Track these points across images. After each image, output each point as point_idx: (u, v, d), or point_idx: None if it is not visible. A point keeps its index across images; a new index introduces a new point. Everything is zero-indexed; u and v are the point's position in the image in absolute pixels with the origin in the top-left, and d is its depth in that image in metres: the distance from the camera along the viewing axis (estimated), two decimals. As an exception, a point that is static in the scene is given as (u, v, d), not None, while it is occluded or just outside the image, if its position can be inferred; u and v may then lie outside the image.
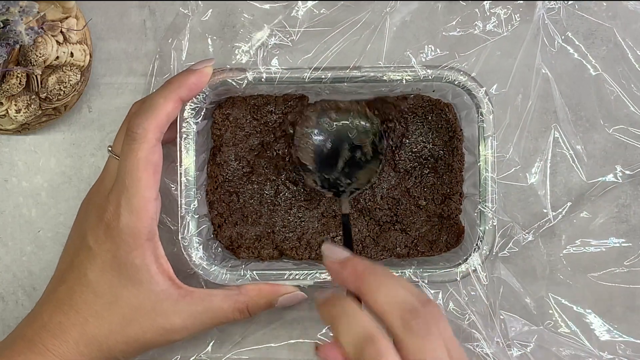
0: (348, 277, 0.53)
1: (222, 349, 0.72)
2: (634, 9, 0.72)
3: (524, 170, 0.72)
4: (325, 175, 0.69)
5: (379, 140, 0.69)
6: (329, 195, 0.70)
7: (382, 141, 0.69)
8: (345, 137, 0.69)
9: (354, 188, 0.69)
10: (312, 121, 0.69)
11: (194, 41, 0.72)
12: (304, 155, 0.69)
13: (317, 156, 0.69)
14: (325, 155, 0.69)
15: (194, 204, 0.67)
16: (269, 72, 0.67)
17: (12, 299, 0.74)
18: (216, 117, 0.71)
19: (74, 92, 0.70)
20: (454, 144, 0.71)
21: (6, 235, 0.74)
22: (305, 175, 0.69)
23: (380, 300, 0.51)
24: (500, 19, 0.71)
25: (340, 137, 0.69)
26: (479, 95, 0.67)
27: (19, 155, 0.74)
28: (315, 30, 0.72)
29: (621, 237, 0.73)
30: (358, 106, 0.69)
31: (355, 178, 0.69)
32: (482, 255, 0.67)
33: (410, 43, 0.72)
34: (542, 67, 0.71)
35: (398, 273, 0.67)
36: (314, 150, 0.69)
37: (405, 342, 0.49)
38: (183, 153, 0.67)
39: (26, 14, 0.61)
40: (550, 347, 0.71)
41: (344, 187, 0.69)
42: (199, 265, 0.67)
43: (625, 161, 0.73)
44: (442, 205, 0.72)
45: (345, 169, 0.69)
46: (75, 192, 0.73)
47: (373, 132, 0.69)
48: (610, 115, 0.72)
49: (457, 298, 0.70)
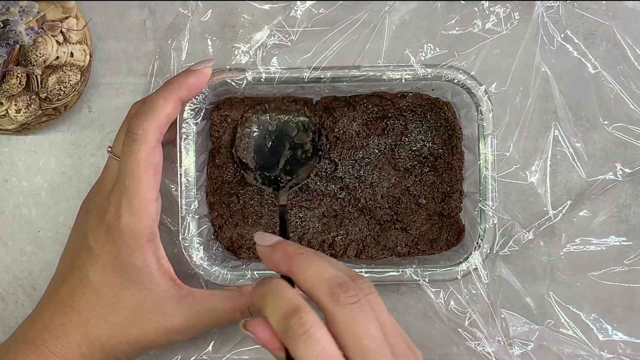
0: (279, 259, 0.52)
1: (222, 349, 0.72)
2: (633, 7, 0.72)
3: (524, 169, 0.72)
4: (266, 173, 0.70)
5: (318, 138, 0.70)
6: (268, 190, 0.71)
7: (321, 138, 0.70)
8: (285, 136, 0.70)
9: (293, 183, 0.70)
10: (252, 122, 0.70)
11: (194, 41, 0.72)
12: (245, 155, 0.70)
13: (258, 155, 0.70)
14: (266, 154, 0.70)
15: (194, 204, 0.67)
16: (269, 72, 0.67)
17: (12, 299, 0.74)
18: (214, 119, 0.71)
19: (74, 92, 0.70)
20: (453, 142, 0.71)
21: (6, 235, 0.74)
22: (247, 173, 0.70)
23: (310, 276, 0.49)
24: (499, 17, 0.71)
25: (281, 136, 0.70)
26: (478, 94, 0.67)
27: (19, 155, 0.74)
28: (315, 30, 0.72)
29: (621, 236, 0.73)
30: (297, 106, 0.70)
31: (296, 174, 0.70)
32: (482, 254, 0.67)
33: (409, 42, 0.72)
34: (542, 66, 0.71)
35: (399, 272, 0.67)
36: (255, 150, 0.70)
37: (335, 315, 0.48)
38: (183, 154, 0.67)
39: (26, 14, 0.61)
40: (551, 346, 0.70)
41: (284, 183, 0.70)
42: (199, 266, 0.67)
43: (625, 160, 0.73)
44: (442, 203, 0.72)
45: (286, 167, 0.70)
46: (75, 192, 0.73)
47: (312, 130, 0.70)
48: (610, 114, 0.72)
49: (458, 297, 0.70)
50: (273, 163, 0.70)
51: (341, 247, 0.72)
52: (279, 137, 0.70)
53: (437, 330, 0.72)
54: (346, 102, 0.71)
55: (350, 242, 0.72)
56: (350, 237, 0.72)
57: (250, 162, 0.70)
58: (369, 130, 0.72)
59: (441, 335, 0.72)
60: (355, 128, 0.72)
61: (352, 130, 0.71)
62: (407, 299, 0.73)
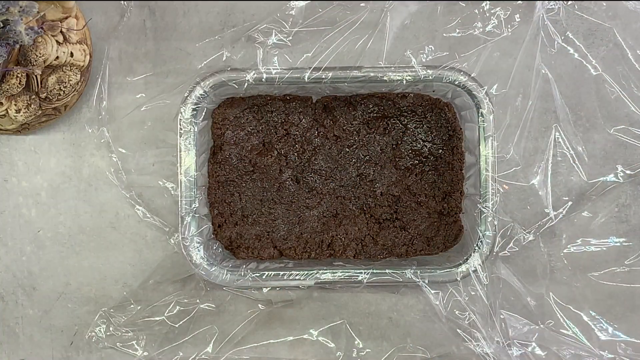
0: None
1: (222, 348, 0.72)
2: (634, 9, 0.72)
3: (524, 170, 0.72)
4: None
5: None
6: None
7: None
8: None
9: None
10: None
11: (194, 41, 0.72)
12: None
13: None
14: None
15: (194, 204, 0.67)
16: (269, 72, 0.67)
17: (12, 299, 0.73)
18: (215, 117, 0.71)
19: (74, 92, 0.69)
20: (453, 142, 0.71)
21: (6, 235, 0.73)
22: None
23: None
24: (500, 19, 0.71)
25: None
26: (479, 96, 0.67)
27: (19, 155, 0.73)
28: (315, 30, 0.71)
29: (621, 237, 0.73)
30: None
31: None
32: (482, 256, 0.67)
33: (410, 43, 0.72)
34: (542, 68, 0.71)
35: (399, 273, 0.67)
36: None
37: None
38: (183, 152, 0.67)
39: (26, 14, 0.61)
40: (551, 347, 0.71)
41: None
42: (199, 266, 0.67)
43: (626, 161, 0.73)
44: (443, 202, 0.72)
45: None
46: (75, 192, 0.73)
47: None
48: (611, 115, 0.72)
49: (458, 298, 0.70)
50: None
51: (340, 247, 0.72)
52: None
53: (437, 330, 0.72)
54: (346, 101, 0.71)
55: (350, 242, 0.72)
56: (349, 236, 0.72)
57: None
58: (370, 130, 0.72)
59: (441, 336, 0.72)
60: (356, 127, 0.72)
61: (352, 129, 0.72)
62: (407, 299, 0.73)
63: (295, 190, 0.72)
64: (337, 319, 0.73)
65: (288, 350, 0.73)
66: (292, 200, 0.72)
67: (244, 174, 0.72)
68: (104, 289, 0.73)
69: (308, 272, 0.68)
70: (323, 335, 0.73)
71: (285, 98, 0.71)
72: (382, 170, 0.72)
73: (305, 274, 0.68)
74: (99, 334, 0.72)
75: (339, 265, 0.69)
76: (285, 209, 0.72)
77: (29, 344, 0.73)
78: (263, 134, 0.72)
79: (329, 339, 0.72)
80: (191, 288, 0.72)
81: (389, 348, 0.73)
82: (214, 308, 0.72)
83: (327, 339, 0.72)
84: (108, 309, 0.72)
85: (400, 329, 0.73)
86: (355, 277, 0.68)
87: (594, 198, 0.73)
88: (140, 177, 0.72)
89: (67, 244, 0.73)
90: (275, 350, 0.73)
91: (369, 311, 0.73)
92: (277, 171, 0.72)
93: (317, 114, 0.71)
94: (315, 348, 0.73)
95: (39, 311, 0.73)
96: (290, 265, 0.70)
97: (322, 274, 0.68)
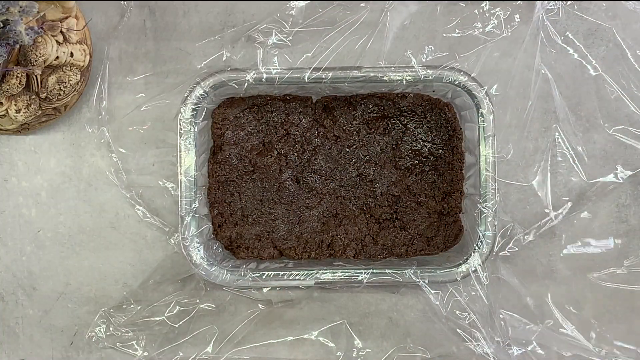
0: None
1: (222, 348, 0.72)
2: (633, 9, 0.72)
3: (524, 171, 0.72)
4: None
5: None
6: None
7: None
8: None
9: None
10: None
11: (194, 41, 0.72)
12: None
13: None
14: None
15: (194, 204, 0.67)
16: (269, 72, 0.67)
17: (12, 299, 0.73)
18: (215, 117, 0.71)
19: (74, 92, 0.69)
20: (453, 142, 0.71)
21: (6, 235, 0.73)
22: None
23: None
24: (499, 19, 0.71)
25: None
26: (479, 96, 0.67)
27: (19, 155, 0.73)
28: (315, 30, 0.71)
29: (621, 237, 0.73)
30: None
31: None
32: (482, 256, 0.67)
33: (410, 43, 0.72)
34: (542, 68, 0.71)
35: (399, 273, 0.67)
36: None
37: None
38: (183, 152, 0.67)
39: (26, 14, 0.61)
40: (551, 347, 0.71)
41: None
42: (199, 266, 0.67)
43: (626, 161, 0.73)
44: (443, 202, 0.72)
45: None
46: (75, 192, 0.73)
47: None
48: (611, 116, 0.73)
49: (458, 298, 0.70)
50: None
51: (340, 247, 0.72)
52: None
53: (437, 330, 0.72)
54: (346, 101, 0.71)
55: (350, 242, 0.72)
56: (349, 236, 0.72)
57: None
58: (370, 129, 0.72)
59: (441, 336, 0.72)
60: (356, 127, 0.72)
61: (352, 129, 0.72)
62: (406, 299, 0.73)
63: (295, 190, 0.72)
64: (337, 319, 0.73)
65: (288, 350, 0.73)
66: (292, 200, 0.72)
67: (244, 174, 0.72)
68: (104, 289, 0.73)
69: (308, 272, 0.68)
70: (323, 335, 0.73)
71: (285, 98, 0.71)
72: (382, 170, 0.72)
73: (305, 274, 0.68)
74: (99, 334, 0.72)
75: (339, 265, 0.69)
76: (285, 209, 0.72)
77: (29, 344, 0.73)
78: (263, 134, 0.72)
79: (329, 339, 0.72)
80: (191, 288, 0.72)
81: (389, 348, 0.73)
82: (214, 308, 0.72)
83: (327, 339, 0.73)
84: (108, 309, 0.72)
85: (400, 329, 0.73)
86: (355, 277, 0.68)
87: (594, 198, 0.73)
88: (140, 177, 0.72)
89: (67, 244, 0.73)
90: (275, 350, 0.73)
91: (369, 311, 0.73)
92: (277, 171, 0.72)
93: (317, 114, 0.72)
94: (315, 348, 0.73)
95: (39, 311, 0.73)
96: (290, 265, 0.70)
97: (322, 274, 0.68)
